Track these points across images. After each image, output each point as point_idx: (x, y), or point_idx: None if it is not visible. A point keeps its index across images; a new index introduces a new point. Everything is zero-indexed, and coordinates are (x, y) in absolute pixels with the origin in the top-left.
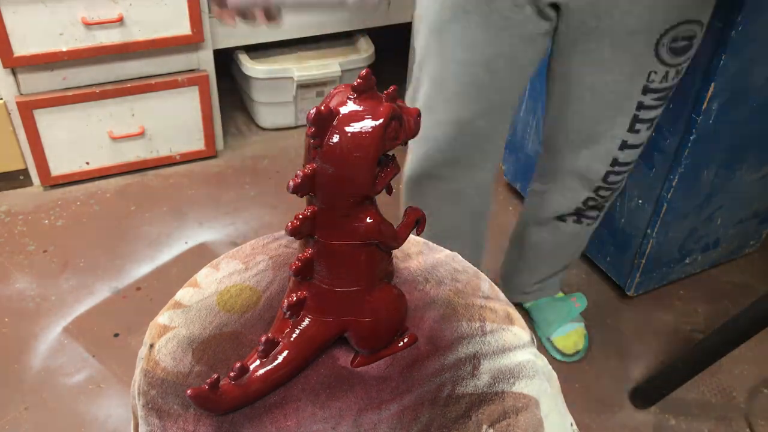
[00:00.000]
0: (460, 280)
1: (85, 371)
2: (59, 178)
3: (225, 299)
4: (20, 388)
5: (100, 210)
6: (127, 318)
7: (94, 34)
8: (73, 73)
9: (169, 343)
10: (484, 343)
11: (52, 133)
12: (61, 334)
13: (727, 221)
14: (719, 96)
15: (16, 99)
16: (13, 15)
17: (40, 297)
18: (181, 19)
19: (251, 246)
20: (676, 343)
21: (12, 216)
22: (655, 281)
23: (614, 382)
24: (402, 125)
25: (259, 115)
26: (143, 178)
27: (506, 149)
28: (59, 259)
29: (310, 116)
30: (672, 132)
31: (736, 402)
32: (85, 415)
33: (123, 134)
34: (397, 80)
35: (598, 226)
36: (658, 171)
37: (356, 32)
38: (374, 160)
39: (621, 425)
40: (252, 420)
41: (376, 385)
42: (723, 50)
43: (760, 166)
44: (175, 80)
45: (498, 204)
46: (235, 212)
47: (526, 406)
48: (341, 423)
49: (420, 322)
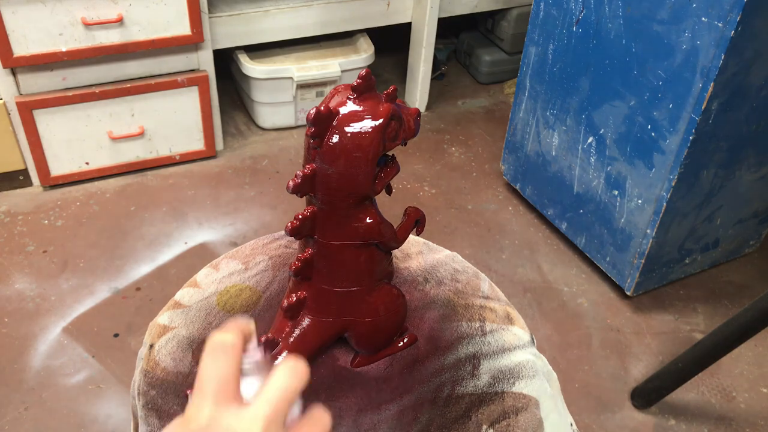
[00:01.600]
0: (460, 280)
1: (85, 371)
2: (59, 178)
3: (225, 299)
4: (20, 388)
5: (99, 210)
6: (126, 318)
7: (94, 34)
8: (72, 73)
9: (169, 344)
10: (484, 343)
11: (51, 134)
12: (60, 334)
13: (726, 221)
14: (719, 96)
15: (15, 99)
16: (13, 15)
17: (39, 297)
18: (181, 19)
19: (251, 246)
20: (676, 343)
21: (12, 216)
22: (655, 281)
23: (614, 382)
24: (402, 125)
25: (258, 115)
26: (143, 178)
27: (506, 149)
28: (59, 260)
29: (310, 116)
30: (672, 132)
31: (736, 402)
32: (84, 416)
33: (123, 134)
34: (397, 80)
35: (596, 226)
36: (658, 171)
37: (356, 32)
38: (374, 160)
39: (621, 425)
40: None
41: (376, 385)
42: (723, 50)
43: (759, 166)
44: (175, 80)
45: (498, 204)
46: (235, 212)
47: (525, 406)
48: (341, 423)
49: (420, 322)
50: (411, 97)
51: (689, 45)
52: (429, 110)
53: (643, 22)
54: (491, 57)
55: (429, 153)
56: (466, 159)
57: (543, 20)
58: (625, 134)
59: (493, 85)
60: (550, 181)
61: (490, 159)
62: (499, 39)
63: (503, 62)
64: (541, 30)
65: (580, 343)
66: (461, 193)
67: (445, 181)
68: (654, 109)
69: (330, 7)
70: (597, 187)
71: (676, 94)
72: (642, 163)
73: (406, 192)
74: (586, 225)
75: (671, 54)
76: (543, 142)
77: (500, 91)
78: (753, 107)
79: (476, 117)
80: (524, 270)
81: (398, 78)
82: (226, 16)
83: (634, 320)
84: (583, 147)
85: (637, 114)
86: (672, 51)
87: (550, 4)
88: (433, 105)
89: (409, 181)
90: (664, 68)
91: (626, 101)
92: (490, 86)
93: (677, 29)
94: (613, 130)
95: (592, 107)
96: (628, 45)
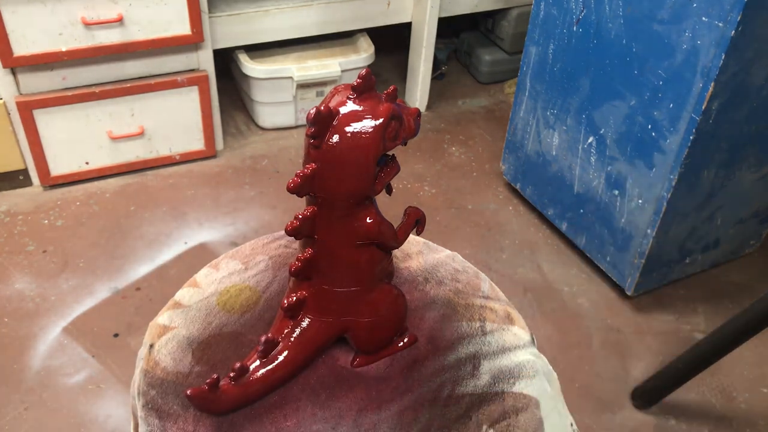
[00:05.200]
0: (460, 280)
1: (85, 371)
2: (59, 178)
3: (225, 299)
4: (20, 388)
5: (99, 210)
6: (126, 318)
7: (94, 34)
8: (72, 73)
9: (169, 344)
10: (484, 343)
11: (51, 133)
12: (60, 334)
13: (727, 221)
14: (719, 96)
15: (15, 99)
16: (13, 15)
17: (39, 297)
18: (181, 18)
19: (251, 246)
20: (676, 343)
21: (11, 216)
22: (655, 281)
23: (614, 382)
24: (402, 125)
25: (258, 115)
26: (143, 178)
27: (506, 149)
28: (59, 260)
29: (310, 116)
30: (672, 132)
31: (736, 402)
32: (84, 415)
33: (122, 134)
34: (397, 80)
35: (597, 226)
36: (658, 171)
37: (356, 32)
38: (374, 160)
39: (621, 425)
40: (252, 420)
41: (376, 385)
42: (723, 50)
43: (760, 166)
44: (175, 80)
45: (498, 204)
46: (235, 212)
47: (526, 406)
48: (341, 423)
49: (420, 322)
50: (411, 97)
51: (689, 45)
52: (429, 110)
53: (644, 21)
54: (491, 57)
55: (429, 153)
56: (466, 159)
57: (543, 20)
58: (625, 134)
59: (494, 85)
60: (550, 181)
61: (490, 159)
62: (500, 39)
63: (503, 62)
64: (541, 30)
65: (580, 343)
66: (461, 193)
67: (445, 181)
68: (654, 108)
69: (330, 7)
70: (597, 186)
71: (676, 93)
72: (642, 163)
73: (406, 192)
74: (587, 225)
75: (672, 54)
76: (543, 142)
77: (500, 91)
78: (753, 107)
79: (476, 117)
80: (524, 270)
81: (398, 78)
82: (226, 15)
83: (635, 320)
84: (584, 147)
85: (637, 114)
86: (672, 51)
87: (551, 4)
88: (433, 105)
89: (409, 181)
90: (664, 68)
91: (626, 101)
92: (491, 86)
93: (677, 29)
94: (614, 129)
95: (592, 107)
96: (628, 45)
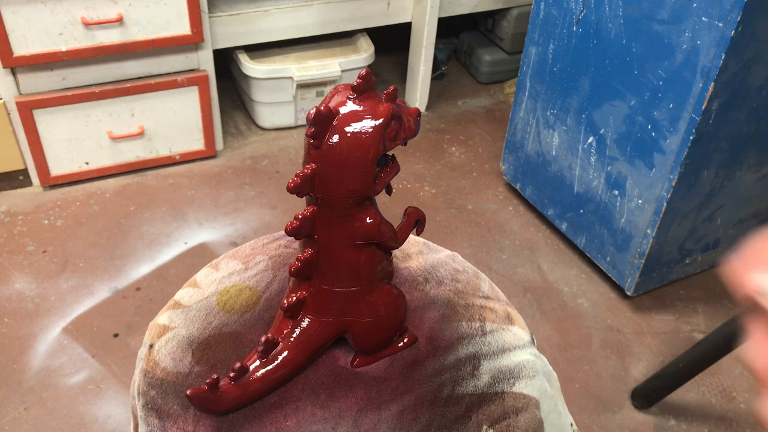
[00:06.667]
0: (460, 280)
1: (85, 371)
2: (59, 178)
3: (225, 299)
4: (20, 388)
5: (99, 210)
6: (126, 318)
7: (94, 34)
8: (72, 73)
9: (169, 344)
10: (484, 343)
11: (51, 133)
12: (60, 334)
13: (727, 221)
14: (719, 96)
15: (15, 99)
16: (13, 15)
17: (39, 297)
18: (180, 19)
19: (251, 246)
20: (676, 343)
21: (11, 216)
22: (655, 281)
23: (614, 382)
24: (402, 125)
25: (258, 115)
26: (143, 178)
27: (506, 149)
28: (59, 260)
29: (310, 116)
30: (672, 132)
31: (736, 402)
32: (84, 415)
33: (122, 134)
34: (397, 80)
35: (597, 226)
36: (658, 171)
37: (356, 32)
38: (374, 160)
39: (621, 425)
40: (252, 420)
41: (376, 385)
42: (723, 50)
43: (760, 166)
44: (175, 80)
45: (498, 204)
46: (235, 212)
47: (526, 406)
48: (341, 423)
49: (420, 322)
50: (411, 97)
51: (689, 45)
52: (429, 110)
53: (644, 21)
54: (491, 57)
55: (429, 153)
56: (466, 159)
57: (543, 20)
58: (625, 134)
59: (493, 85)
60: (550, 181)
61: (490, 159)
62: (499, 39)
63: (503, 62)
64: (541, 30)
65: (580, 343)
66: (461, 193)
67: (445, 181)
68: (654, 108)
69: (330, 7)
70: (597, 187)
71: (676, 93)
72: (642, 163)
73: (406, 192)
74: (587, 225)
75: (671, 54)
76: (543, 142)
77: (500, 91)
78: (753, 107)
79: (476, 117)
80: (524, 270)
81: (398, 78)
82: (226, 15)
83: (635, 320)
84: (584, 147)
85: (637, 114)
86: (672, 51)
87: (551, 4)
88: (433, 105)
89: (409, 181)
90: (664, 68)
91: (626, 101)
92: (490, 86)
93: (677, 29)
94: (614, 129)
95: (592, 107)
96: (628, 45)
